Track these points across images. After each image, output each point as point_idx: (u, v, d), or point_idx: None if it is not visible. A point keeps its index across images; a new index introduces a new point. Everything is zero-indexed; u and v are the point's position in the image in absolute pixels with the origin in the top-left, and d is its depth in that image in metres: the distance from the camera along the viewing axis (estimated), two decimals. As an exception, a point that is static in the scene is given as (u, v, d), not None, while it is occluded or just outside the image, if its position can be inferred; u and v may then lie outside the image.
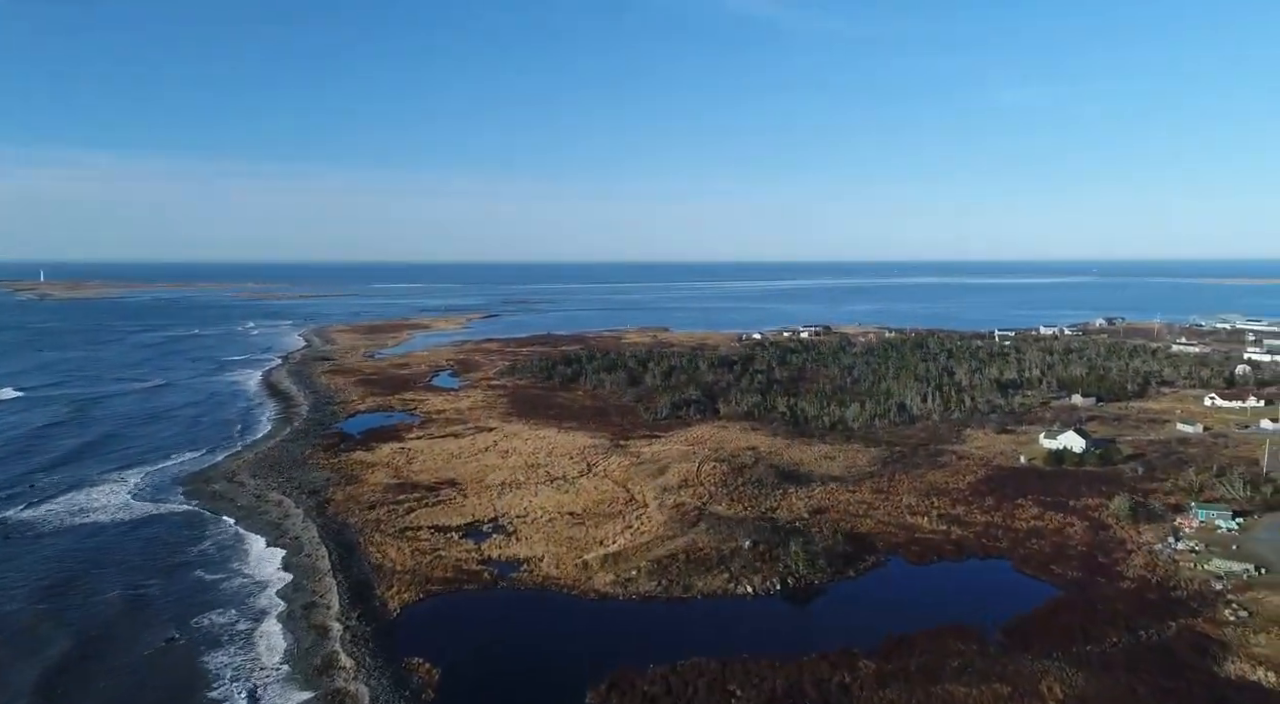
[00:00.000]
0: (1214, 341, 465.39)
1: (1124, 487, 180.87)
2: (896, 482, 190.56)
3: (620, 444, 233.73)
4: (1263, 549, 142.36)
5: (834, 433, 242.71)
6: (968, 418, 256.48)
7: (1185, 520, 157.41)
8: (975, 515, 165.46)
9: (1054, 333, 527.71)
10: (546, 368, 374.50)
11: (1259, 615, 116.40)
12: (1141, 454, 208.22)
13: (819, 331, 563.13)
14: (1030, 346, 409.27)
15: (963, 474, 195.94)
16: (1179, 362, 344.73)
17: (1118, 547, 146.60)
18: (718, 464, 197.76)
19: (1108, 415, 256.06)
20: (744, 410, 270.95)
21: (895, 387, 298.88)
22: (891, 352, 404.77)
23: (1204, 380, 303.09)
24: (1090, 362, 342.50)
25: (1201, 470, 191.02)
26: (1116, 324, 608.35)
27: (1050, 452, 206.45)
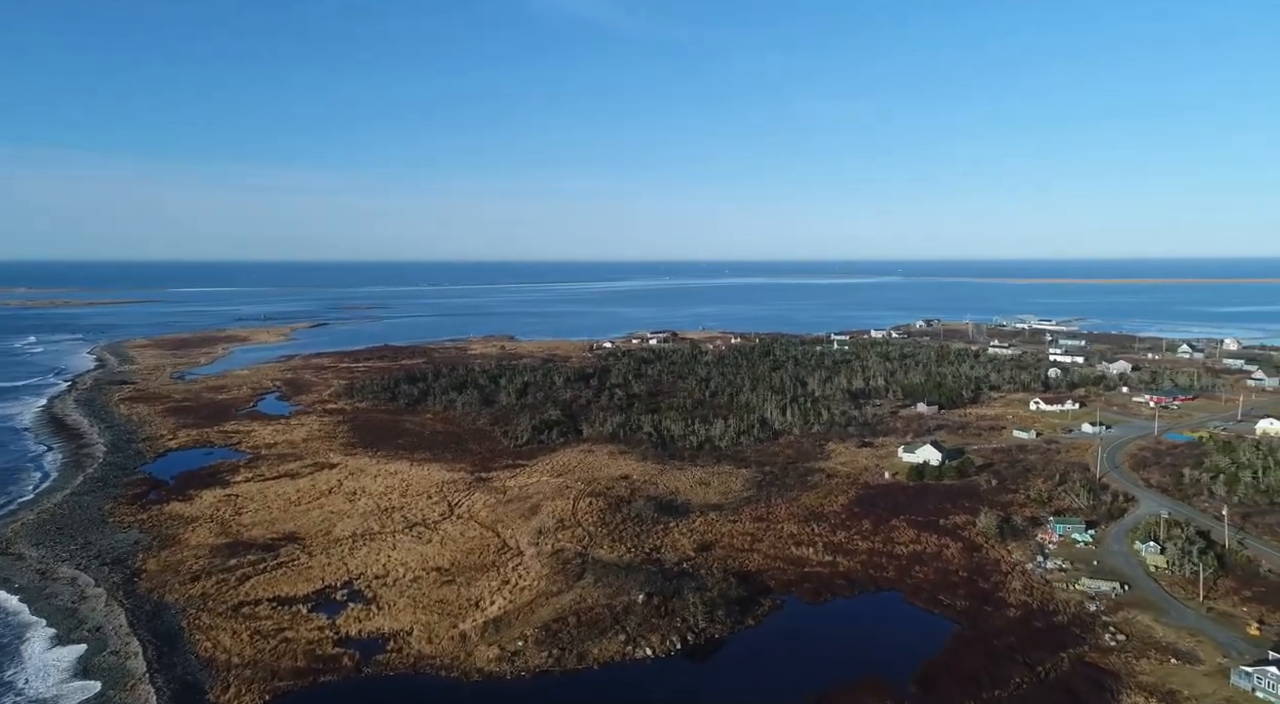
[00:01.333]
0: (1019, 342, 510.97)
1: (984, 501, 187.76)
2: (774, 507, 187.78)
3: (482, 477, 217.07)
4: (1118, 562, 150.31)
5: (703, 453, 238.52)
6: (827, 431, 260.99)
7: (1045, 535, 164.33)
8: (857, 542, 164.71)
9: (884, 336, 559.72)
10: (389, 387, 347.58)
11: (1134, 638, 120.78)
12: (990, 464, 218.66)
13: (667, 338, 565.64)
14: (869, 352, 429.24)
15: (835, 494, 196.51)
16: (1000, 365, 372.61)
17: (994, 568, 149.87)
18: (594, 500, 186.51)
19: (951, 423, 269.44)
20: (609, 432, 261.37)
21: (754, 399, 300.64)
22: (742, 360, 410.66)
23: (1024, 384, 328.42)
24: (926, 368, 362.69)
25: (1045, 478, 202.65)
26: (934, 325, 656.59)
27: (912, 466, 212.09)
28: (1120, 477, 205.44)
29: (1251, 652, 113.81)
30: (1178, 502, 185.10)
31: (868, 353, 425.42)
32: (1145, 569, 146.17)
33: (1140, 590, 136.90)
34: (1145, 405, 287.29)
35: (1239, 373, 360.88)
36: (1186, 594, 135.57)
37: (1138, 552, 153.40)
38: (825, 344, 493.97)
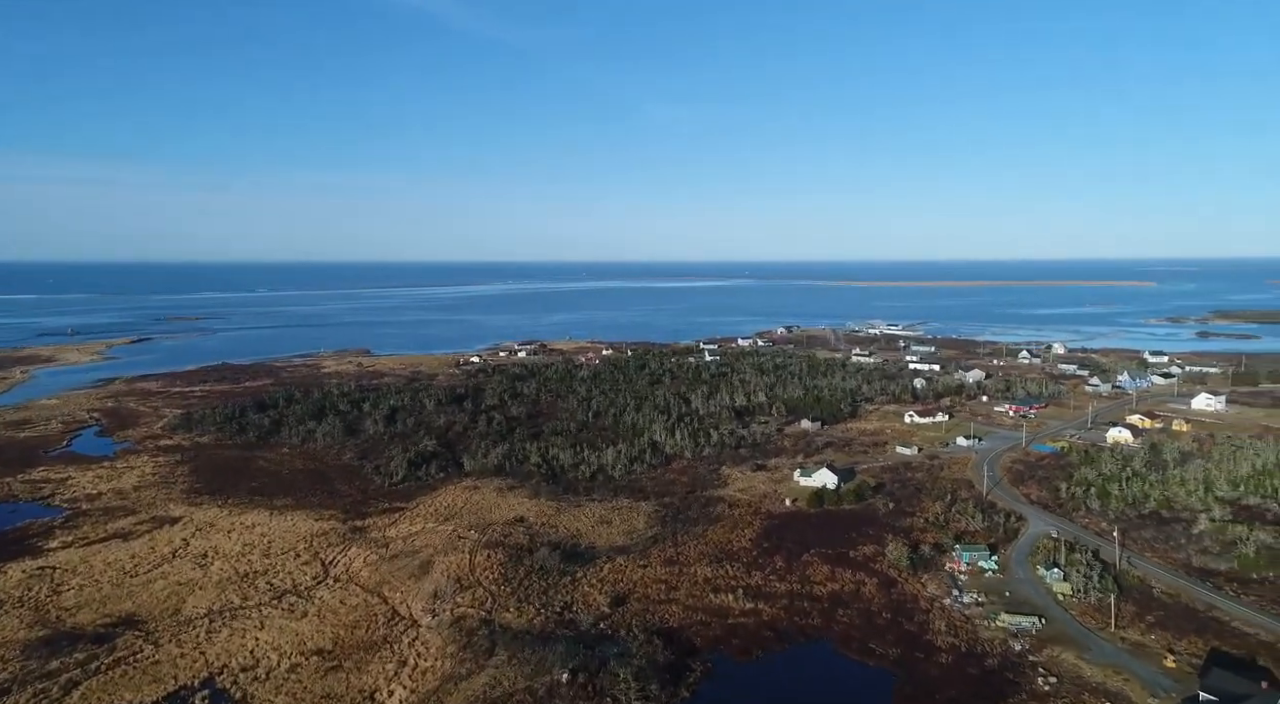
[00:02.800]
0: (875, 349, 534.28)
1: (886, 527, 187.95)
2: (683, 546, 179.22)
3: (357, 526, 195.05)
4: (1027, 592, 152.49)
5: (598, 485, 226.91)
6: (719, 453, 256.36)
7: (953, 563, 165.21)
8: (775, 584, 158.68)
9: (751, 344, 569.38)
10: (234, 417, 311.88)
11: (1064, 679, 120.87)
12: (883, 484, 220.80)
13: (536, 349, 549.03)
14: (743, 364, 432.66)
15: (741, 527, 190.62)
16: (869, 375, 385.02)
17: (914, 606, 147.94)
18: (492, 552, 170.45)
19: (837, 440, 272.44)
20: (493, 464, 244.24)
21: (640, 420, 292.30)
22: (619, 375, 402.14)
23: (895, 395, 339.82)
24: (801, 380, 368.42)
25: (937, 499, 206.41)
26: (795, 332, 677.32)
27: (811, 491, 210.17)
28: (1003, 493, 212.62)
29: (1174, 688, 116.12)
30: (1060, 518, 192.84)
31: (742, 365, 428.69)
32: (1054, 598, 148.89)
33: (1056, 623, 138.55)
34: (1006, 415, 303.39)
35: (1075, 378, 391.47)
36: (1098, 624, 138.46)
37: (1042, 579, 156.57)
38: (697, 354, 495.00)
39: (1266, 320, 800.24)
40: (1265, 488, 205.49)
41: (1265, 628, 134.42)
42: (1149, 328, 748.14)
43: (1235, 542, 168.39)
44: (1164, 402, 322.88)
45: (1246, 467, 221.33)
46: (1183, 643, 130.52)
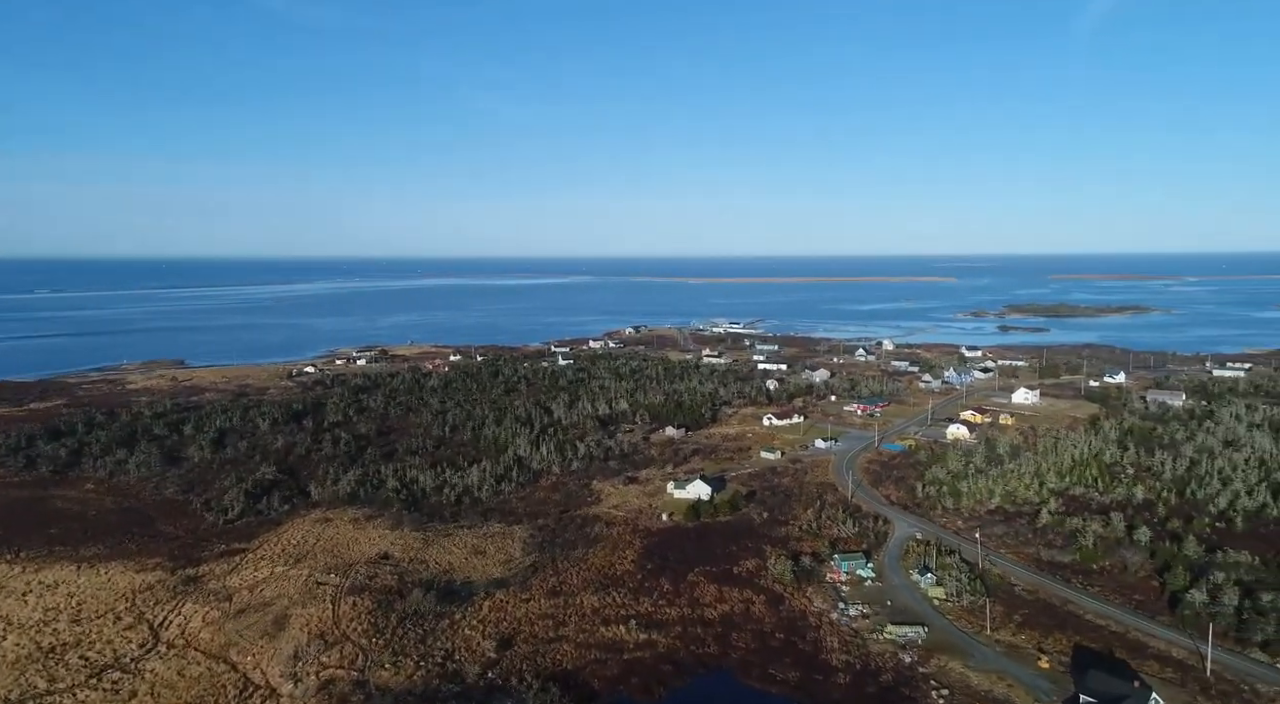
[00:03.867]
0: (724, 349, 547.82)
1: (763, 538, 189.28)
2: (564, 574, 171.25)
3: (189, 575, 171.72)
4: (906, 599, 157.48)
5: (465, 509, 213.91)
6: (588, 467, 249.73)
7: (834, 574, 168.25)
8: (665, 610, 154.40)
9: (602, 346, 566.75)
10: (20, 448, 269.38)
11: (955, 690, 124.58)
12: (753, 492, 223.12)
13: (377, 356, 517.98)
14: (599, 368, 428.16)
15: (621, 548, 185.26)
16: (724, 378, 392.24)
17: (804, 623, 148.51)
18: (358, 599, 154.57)
19: (703, 447, 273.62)
20: (346, 491, 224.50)
21: (502, 434, 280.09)
22: (472, 383, 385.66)
23: (751, 397, 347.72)
24: (661, 385, 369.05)
25: (806, 505, 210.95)
26: (643, 332, 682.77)
27: (687, 505, 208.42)
28: (865, 495, 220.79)
29: (1053, 690, 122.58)
30: (920, 518, 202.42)
31: (598, 369, 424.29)
32: (930, 603, 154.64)
33: (937, 630, 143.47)
34: (855, 414, 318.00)
35: (909, 375, 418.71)
36: (973, 627, 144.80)
37: (917, 584, 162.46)
38: (550, 358, 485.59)
39: (1052, 314, 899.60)
40: (1085, 478, 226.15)
41: (1115, 619, 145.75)
42: (958, 323, 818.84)
43: (1074, 533, 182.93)
44: (989, 396, 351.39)
45: (1067, 458, 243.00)
46: (1050, 641, 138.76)
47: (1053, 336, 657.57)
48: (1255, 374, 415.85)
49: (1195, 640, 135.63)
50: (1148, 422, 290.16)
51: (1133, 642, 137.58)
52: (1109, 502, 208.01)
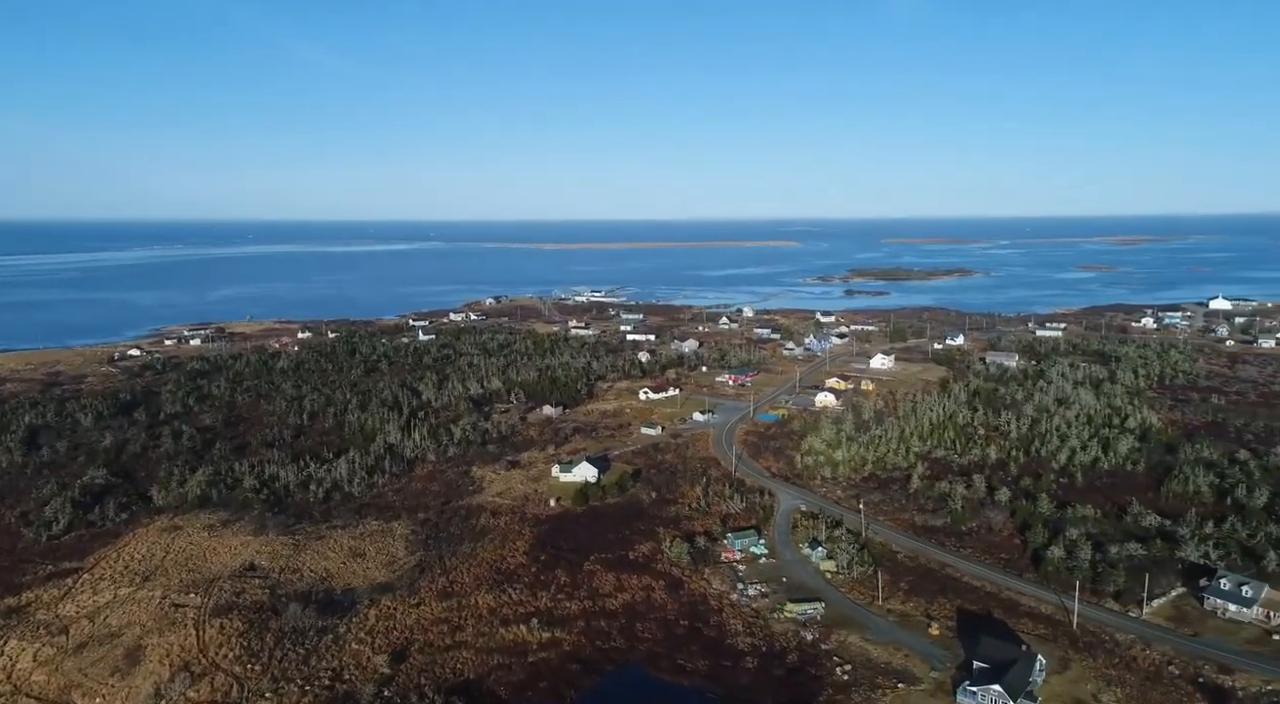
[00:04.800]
0: (589, 319, 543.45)
1: (654, 519, 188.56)
2: (455, 572, 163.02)
3: (11, 605, 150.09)
4: (801, 575, 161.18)
5: (335, 506, 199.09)
6: (465, 452, 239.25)
7: (728, 553, 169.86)
8: (565, 604, 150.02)
9: (463, 318, 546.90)
10: None
11: (857, 665, 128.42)
12: (639, 470, 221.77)
13: (212, 335, 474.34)
14: (465, 343, 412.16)
15: (512, 539, 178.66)
16: (595, 350, 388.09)
17: (706, 607, 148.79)
18: (225, 620, 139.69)
19: (583, 425, 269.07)
20: (195, 493, 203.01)
21: (368, 420, 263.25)
22: (328, 364, 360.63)
23: (624, 371, 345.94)
24: (533, 360, 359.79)
25: (692, 482, 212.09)
26: (504, 302, 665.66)
27: (575, 489, 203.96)
28: (748, 468, 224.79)
29: (946, 657, 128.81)
30: (802, 490, 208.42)
31: (464, 344, 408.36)
32: (823, 577, 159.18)
33: (833, 605, 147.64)
34: (727, 384, 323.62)
35: (772, 342, 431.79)
36: (865, 599, 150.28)
37: (809, 558, 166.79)
38: (409, 332, 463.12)
39: (890, 277, 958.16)
40: (944, 440, 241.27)
41: (989, 580, 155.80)
42: (807, 287, 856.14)
43: (943, 497, 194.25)
44: (849, 363, 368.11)
45: (926, 422, 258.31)
46: (935, 607, 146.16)
47: (894, 300, 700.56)
48: (1070, 333, 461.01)
49: (1060, 595, 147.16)
50: (990, 383, 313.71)
51: (1007, 601, 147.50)
52: (967, 463, 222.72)
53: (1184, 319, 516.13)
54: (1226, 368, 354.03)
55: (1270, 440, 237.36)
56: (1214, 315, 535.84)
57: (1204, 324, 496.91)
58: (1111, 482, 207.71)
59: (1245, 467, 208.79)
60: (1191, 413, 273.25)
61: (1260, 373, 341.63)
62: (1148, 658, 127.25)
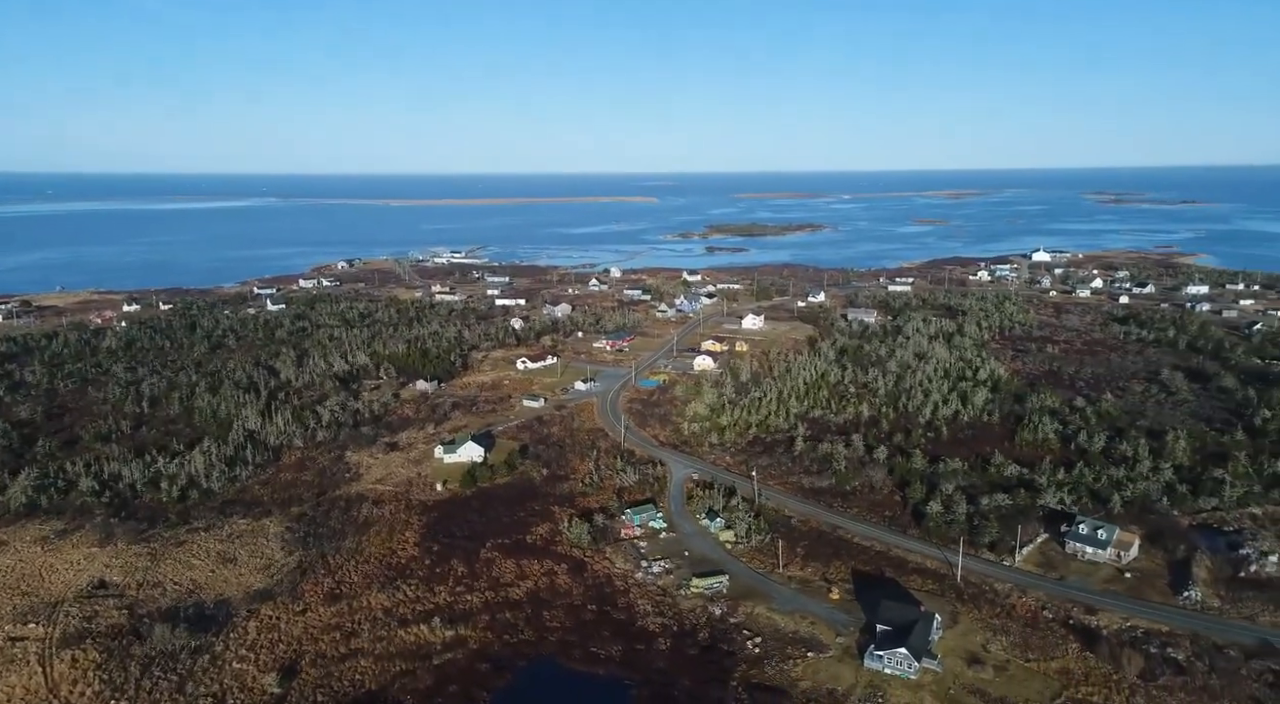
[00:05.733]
0: (453, 283, 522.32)
1: (548, 498, 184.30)
2: (340, 570, 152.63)
3: None
4: (702, 547, 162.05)
5: (194, 505, 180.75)
6: (337, 436, 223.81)
7: (627, 529, 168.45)
8: (466, 597, 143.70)
9: (314, 285, 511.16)
10: None
11: (767, 637, 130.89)
12: (526, 446, 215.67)
13: (16, 310, 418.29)
14: (321, 313, 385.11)
15: (399, 530, 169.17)
16: (465, 317, 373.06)
17: (612, 588, 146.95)
18: (78, 652, 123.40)
19: (460, 400, 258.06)
20: (21, 501, 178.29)
21: (222, 404, 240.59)
22: (165, 340, 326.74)
23: (498, 339, 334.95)
24: (399, 331, 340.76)
25: (582, 457, 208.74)
26: (357, 266, 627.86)
27: (461, 470, 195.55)
28: (636, 438, 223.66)
29: (849, 621, 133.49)
30: (692, 457, 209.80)
31: (320, 314, 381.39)
32: (724, 548, 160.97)
33: (737, 576, 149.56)
34: (604, 350, 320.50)
35: (642, 303, 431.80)
36: (766, 567, 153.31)
37: (707, 529, 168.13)
38: (254, 302, 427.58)
39: (748, 233, 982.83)
40: (819, 400, 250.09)
41: (877, 539, 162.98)
42: (669, 244, 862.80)
43: (827, 458, 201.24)
44: (721, 323, 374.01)
45: (801, 381, 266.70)
46: (832, 570, 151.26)
47: (753, 257, 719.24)
48: (918, 287, 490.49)
49: (942, 550, 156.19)
50: (854, 340, 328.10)
51: (896, 559, 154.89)
52: (843, 421, 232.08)
53: (1012, 271, 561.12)
54: (1054, 318, 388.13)
55: (1099, 386, 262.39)
56: (1037, 267, 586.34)
57: (1029, 276, 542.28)
58: (972, 433, 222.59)
59: (1083, 413, 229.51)
60: (1030, 362, 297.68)
61: (1081, 321, 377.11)
62: (1025, 605, 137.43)
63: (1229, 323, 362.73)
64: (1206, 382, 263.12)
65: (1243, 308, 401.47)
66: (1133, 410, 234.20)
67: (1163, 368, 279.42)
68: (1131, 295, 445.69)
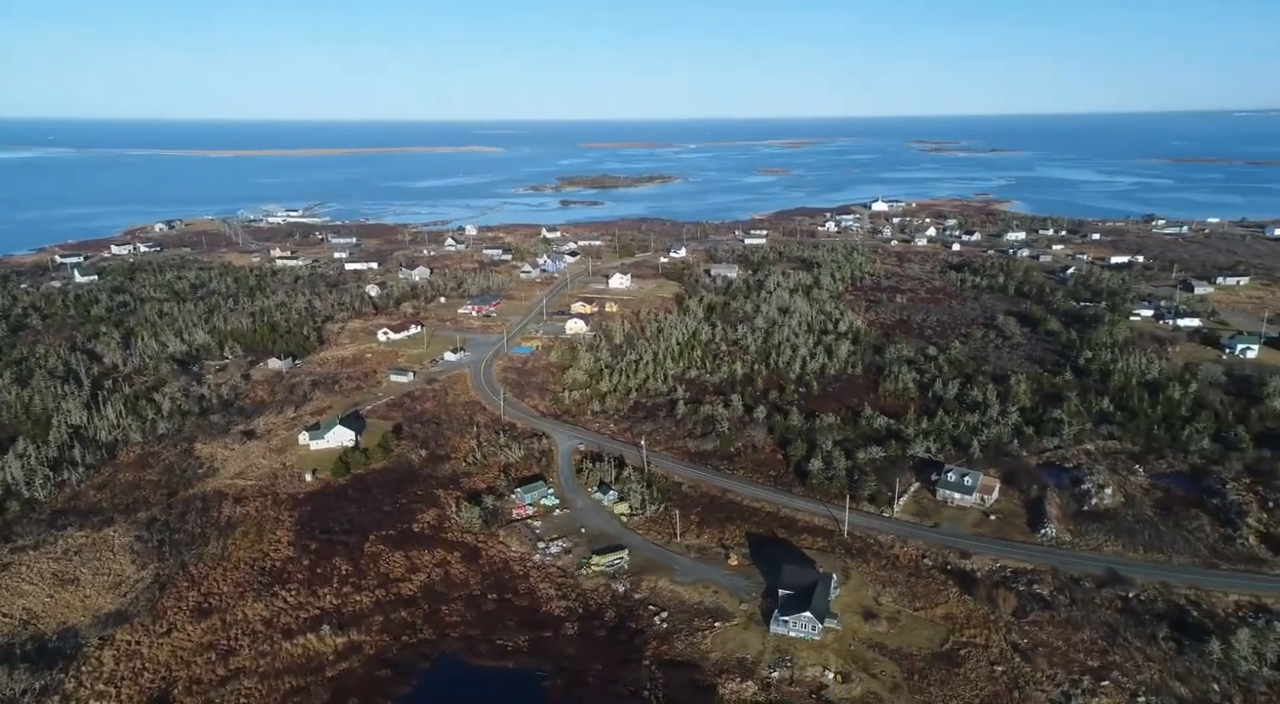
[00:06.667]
0: (293, 246, 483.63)
1: (430, 481, 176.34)
2: (206, 581, 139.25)
3: None
4: (598, 522, 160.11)
5: (15, 519, 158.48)
6: (182, 426, 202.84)
7: (519, 508, 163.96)
8: (354, 597, 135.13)
9: (129, 252, 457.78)
10: None
11: (673, 611, 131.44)
12: (399, 426, 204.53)
13: None
14: (146, 285, 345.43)
15: (269, 529, 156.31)
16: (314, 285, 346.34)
17: (511, 574, 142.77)
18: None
19: (320, 378, 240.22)
20: None
21: (34, 397, 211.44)
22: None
23: (355, 308, 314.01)
24: (241, 303, 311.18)
25: (461, 433, 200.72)
26: (177, 227, 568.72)
27: (334, 458, 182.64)
28: (515, 410, 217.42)
29: (750, 587, 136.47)
30: (575, 427, 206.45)
31: (142, 287, 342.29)
32: (619, 521, 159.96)
33: (636, 549, 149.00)
34: (471, 316, 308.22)
35: (504, 264, 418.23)
36: (663, 538, 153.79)
37: (600, 502, 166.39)
38: (60, 273, 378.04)
39: (600, 186, 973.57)
40: (694, 361, 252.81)
41: (766, 500, 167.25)
42: (522, 198, 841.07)
43: (709, 419, 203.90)
44: (588, 284, 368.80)
45: (674, 342, 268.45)
46: (727, 535, 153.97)
47: (609, 210, 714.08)
48: (772, 239, 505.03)
49: (827, 506, 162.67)
50: (720, 297, 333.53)
51: (786, 519, 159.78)
52: (720, 381, 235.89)
53: (855, 222, 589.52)
54: (898, 267, 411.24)
55: (945, 333, 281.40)
56: (877, 216, 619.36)
57: (871, 226, 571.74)
58: (839, 386, 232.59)
59: (936, 361, 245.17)
60: (883, 313, 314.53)
61: (922, 270, 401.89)
62: (907, 554, 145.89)
63: (1046, 268, 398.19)
64: (1035, 326, 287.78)
65: (1056, 253, 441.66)
66: (978, 356, 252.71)
67: (997, 313, 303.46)
68: (962, 243, 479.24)
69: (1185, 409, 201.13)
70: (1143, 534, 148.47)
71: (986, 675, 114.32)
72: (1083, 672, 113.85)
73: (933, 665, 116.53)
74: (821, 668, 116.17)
